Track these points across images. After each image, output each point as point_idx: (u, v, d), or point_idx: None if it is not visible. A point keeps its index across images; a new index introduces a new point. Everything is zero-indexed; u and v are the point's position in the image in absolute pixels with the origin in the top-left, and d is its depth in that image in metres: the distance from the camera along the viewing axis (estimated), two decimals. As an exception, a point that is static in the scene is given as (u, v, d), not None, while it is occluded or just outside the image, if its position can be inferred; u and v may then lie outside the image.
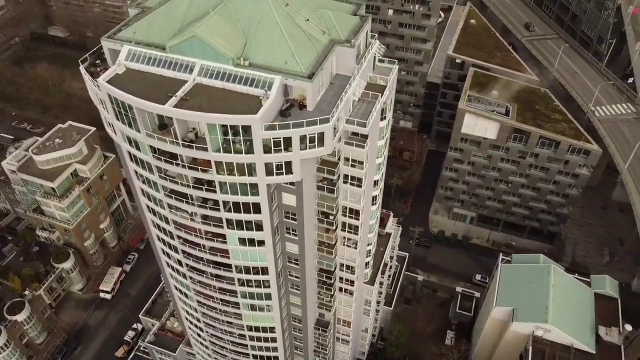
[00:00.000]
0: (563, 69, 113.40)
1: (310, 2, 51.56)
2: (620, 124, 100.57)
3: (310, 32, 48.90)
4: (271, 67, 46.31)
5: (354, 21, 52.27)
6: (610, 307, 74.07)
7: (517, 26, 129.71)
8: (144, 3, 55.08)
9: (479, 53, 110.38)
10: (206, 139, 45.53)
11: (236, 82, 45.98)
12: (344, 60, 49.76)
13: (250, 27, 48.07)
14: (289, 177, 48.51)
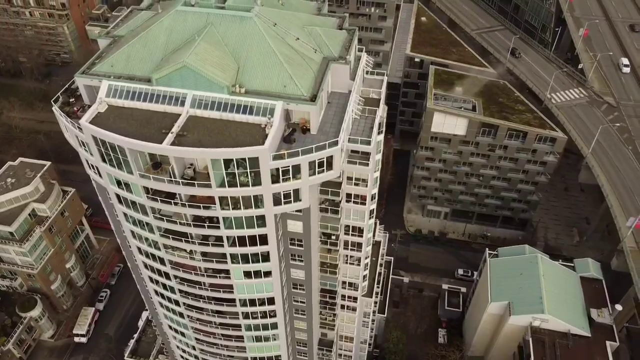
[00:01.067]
0: (515, 60, 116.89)
1: (295, 20, 49.61)
2: (575, 108, 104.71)
3: (303, 51, 46.95)
4: (269, 92, 44.06)
5: (343, 36, 50.80)
6: (597, 288, 76.84)
7: (463, 20, 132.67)
8: (114, 32, 51.23)
9: (435, 50, 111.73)
10: (209, 174, 42.74)
11: (234, 111, 43.42)
12: (339, 77, 48.22)
13: (240, 51, 45.55)
14: (297, 204, 46.42)
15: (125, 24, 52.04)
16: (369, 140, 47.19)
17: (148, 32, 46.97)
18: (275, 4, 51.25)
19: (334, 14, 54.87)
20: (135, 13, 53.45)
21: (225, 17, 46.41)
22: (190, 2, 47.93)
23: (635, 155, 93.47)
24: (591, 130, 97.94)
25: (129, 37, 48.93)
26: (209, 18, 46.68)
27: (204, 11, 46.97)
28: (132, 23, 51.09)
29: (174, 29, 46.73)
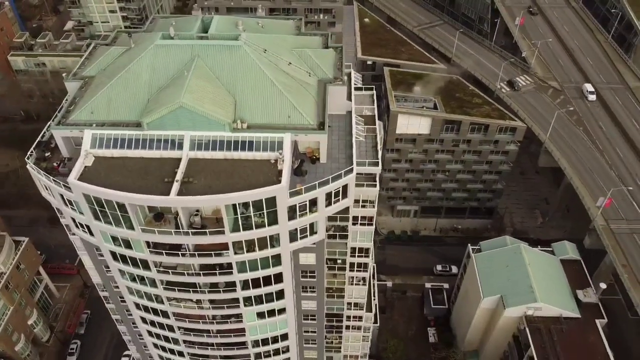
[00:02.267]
0: (460, 53, 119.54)
1: (283, 43, 47.12)
2: (524, 95, 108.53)
3: (298, 76, 44.65)
4: (273, 124, 41.46)
5: (332, 55, 48.94)
6: (577, 269, 79.86)
7: (403, 17, 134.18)
8: (81, 72, 46.48)
9: (385, 51, 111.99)
10: (223, 220, 39.51)
11: (239, 149, 40.51)
12: (336, 99, 46.21)
13: (235, 83, 42.56)
14: (313, 238, 44.22)
15: (92, 62, 47.40)
16: (377, 161, 45.67)
17: (127, 71, 42.84)
18: (254, 28, 48.50)
19: (315, 32, 52.90)
20: (101, 49, 48.78)
21: (212, 47, 43.21)
22: (169, 34, 44.32)
23: (587, 135, 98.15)
24: (543, 115, 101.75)
25: (103, 77, 44.52)
26: (194, 50, 43.30)
27: (187, 43, 43.55)
28: (102, 61, 46.53)
29: (157, 66, 42.94)
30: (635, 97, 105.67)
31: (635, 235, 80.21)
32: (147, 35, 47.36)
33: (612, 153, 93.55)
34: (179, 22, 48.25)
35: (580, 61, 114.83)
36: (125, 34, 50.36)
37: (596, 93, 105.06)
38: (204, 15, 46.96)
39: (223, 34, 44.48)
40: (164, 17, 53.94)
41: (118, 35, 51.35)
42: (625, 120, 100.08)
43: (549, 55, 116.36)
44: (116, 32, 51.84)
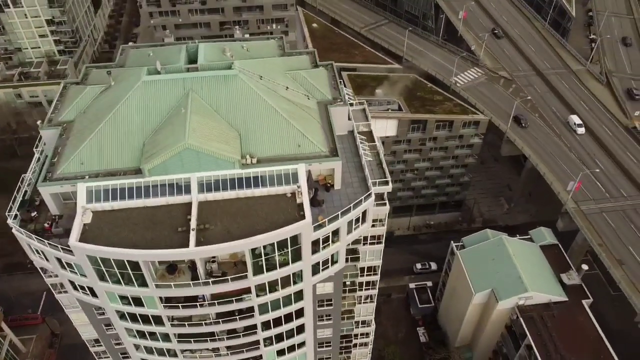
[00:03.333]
0: (410, 51, 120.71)
1: (275, 67, 44.81)
2: (478, 87, 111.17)
3: (298, 101, 42.58)
4: (283, 155, 39.20)
5: (324, 73, 47.15)
6: (557, 253, 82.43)
7: (348, 19, 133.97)
8: (58, 118, 42.09)
9: (339, 55, 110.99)
10: (247, 264, 36.85)
11: (252, 186, 37.93)
12: (339, 120, 44.44)
13: (236, 115, 39.91)
14: (334, 267, 42.37)
15: (67, 104, 43.06)
16: (387, 180, 44.40)
17: (116, 113, 39.15)
18: (242, 52, 45.91)
19: (300, 51, 50.88)
20: (74, 89, 44.39)
21: (206, 79, 40.30)
22: (155, 69, 40.90)
23: (543, 120, 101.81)
24: (499, 105, 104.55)
25: (86, 122, 40.48)
26: (187, 84, 40.21)
27: (178, 77, 40.39)
28: (80, 103, 42.34)
29: (148, 105, 39.52)
30: (579, 79, 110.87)
31: (604, 214, 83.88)
32: (126, 70, 43.55)
33: (569, 136, 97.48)
34: (159, 53, 44.92)
35: (524, 49, 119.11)
36: (100, 70, 46.19)
37: (544, 77, 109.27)
38: (187, 44, 43.71)
39: (214, 63, 41.63)
40: (134, 47, 50.02)
41: (88, 71, 47.03)
42: (575, 103, 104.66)
43: (494, 47, 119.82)
44: (85, 68, 47.45)
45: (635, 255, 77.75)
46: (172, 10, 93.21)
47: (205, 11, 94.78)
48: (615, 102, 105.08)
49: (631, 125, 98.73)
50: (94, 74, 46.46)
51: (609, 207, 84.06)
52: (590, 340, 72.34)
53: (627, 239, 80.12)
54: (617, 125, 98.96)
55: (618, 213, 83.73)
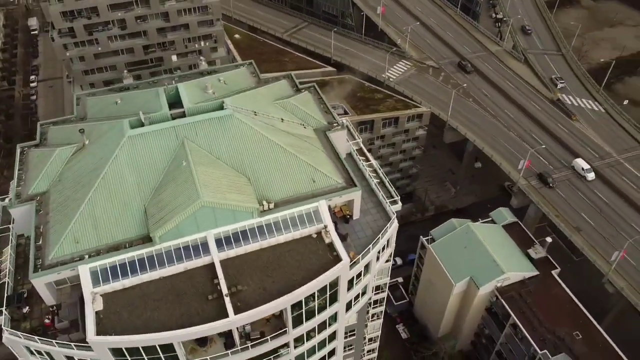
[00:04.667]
0: (337, 51, 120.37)
1: (263, 99, 41.79)
2: (410, 79, 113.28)
3: (296, 132, 39.99)
4: (299, 194, 36.60)
5: (310, 98, 44.76)
6: (519, 230, 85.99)
7: (268, 25, 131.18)
8: (26, 191, 36.32)
9: (271, 65, 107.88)
10: (286, 319, 33.94)
11: (275, 233, 35.00)
12: (339, 145, 42.46)
13: (240, 159, 36.64)
14: (363, 299, 40.53)
15: (33, 173, 37.31)
16: (397, 199, 43.13)
17: (105, 177, 34.35)
18: (219, 87, 42.33)
19: (276, 76, 48.04)
20: (35, 154, 38.56)
21: (199, 124, 36.56)
22: (138, 120, 36.44)
23: (478, 104, 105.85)
24: (434, 95, 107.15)
25: (67, 191, 35.24)
26: (179, 132, 36.22)
27: (167, 126, 36.29)
28: (50, 169, 36.82)
29: (140, 162, 35.12)
30: (499, 60, 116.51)
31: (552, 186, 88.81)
32: (97, 125, 38.42)
33: (504, 116, 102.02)
34: (129, 100, 40.28)
35: (444, 37, 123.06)
36: (59, 127, 40.52)
37: (470, 64, 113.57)
38: (165, 87, 39.40)
39: (202, 105, 37.89)
40: (89, 93, 44.51)
41: (45, 129, 41.17)
42: (502, 83, 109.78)
43: (416, 38, 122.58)
44: (40, 126, 41.50)
45: (588, 221, 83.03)
46: (89, 39, 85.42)
47: (126, 36, 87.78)
48: (536, 78, 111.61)
49: (555, 98, 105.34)
50: (53, 132, 40.74)
51: (556, 179, 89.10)
52: (567, 307, 76.31)
53: (577, 206, 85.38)
54: (543, 100, 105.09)
55: (564, 183, 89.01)
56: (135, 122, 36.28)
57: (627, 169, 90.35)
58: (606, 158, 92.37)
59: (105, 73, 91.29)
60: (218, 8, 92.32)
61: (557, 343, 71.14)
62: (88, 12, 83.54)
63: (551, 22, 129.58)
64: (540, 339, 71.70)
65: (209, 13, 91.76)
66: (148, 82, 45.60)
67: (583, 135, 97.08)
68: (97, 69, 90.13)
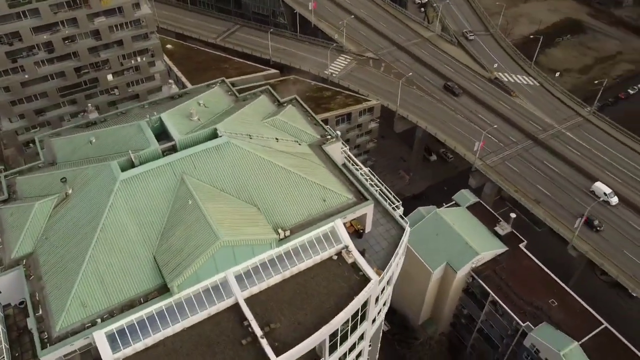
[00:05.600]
0: (276, 52, 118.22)
1: (250, 119, 39.54)
2: (353, 73, 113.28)
3: (293, 150, 38.18)
4: (313, 217, 34.97)
5: (295, 112, 42.97)
6: (483, 210, 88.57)
7: (198, 32, 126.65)
8: (8, 256, 32.19)
9: (212, 74, 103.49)
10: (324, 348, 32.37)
11: (296, 261, 33.32)
12: (335, 157, 41.09)
13: (245, 187, 34.48)
14: (385, 309, 39.68)
15: (13, 233, 33.05)
16: (398, 204, 42.45)
17: (103, 229, 31.01)
18: (201, 111, 39.65)
19: (254, 91, 45.79)
20: (12, 211, 34.18)
21: (196, 156, 33.95)
22: (126, 161, 33.23)
23: (421, 91, 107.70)
24: (378, 86, 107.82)
25: (59, 250, 31.54)
26: (176, 168, 33.42)
27: (161, 163, 33.39)
28: (32, 227, 32.74)
29: (139, 207, 32.05)
30: (434, 45, 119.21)
31: (506, 162, 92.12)
32: (78, 171, 34.60)
33: (449, 100, 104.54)
34: (106, 139, 36.73)
35: (377, 27, 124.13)
36: (28, 177, 36.22)
37: (406, 50, 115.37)
38: (147, 119, 36.19)
39: (193, 135, 35.18)
40: (52, 134, 40.21)
41: (12, 181, 36.69)
42: (440, 68, 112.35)
43: (350, 31, 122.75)
44: (5, 177, 36.94)
45: (545, 192, 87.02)
46: (13, 67, 77.92)
47: (55, 59, 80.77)
48: (471, 59, 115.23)
49: (493, 76, 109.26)
50: (23, 183, 36.40)
51: (508, 155, 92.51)
52: (540, 277, 79.64)
53: (532, 179, 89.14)
54: (482, 80, 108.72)
55: (516, 158, 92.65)
56: (125, 162, 33.07)
57: (570, 137, 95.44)
58: (549, 129, 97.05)
59: (36, 102, 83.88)
60: (152, 20, 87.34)
61: (537, 313, 74.08)
62: (9, 37, 76.17)
63: (475, 4, 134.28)
64: (521, 311, 74.41)
65: (143, 26, 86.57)
66: (116, 114, 41.94)
67: (525, 110, 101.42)
68: (26, 98, 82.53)
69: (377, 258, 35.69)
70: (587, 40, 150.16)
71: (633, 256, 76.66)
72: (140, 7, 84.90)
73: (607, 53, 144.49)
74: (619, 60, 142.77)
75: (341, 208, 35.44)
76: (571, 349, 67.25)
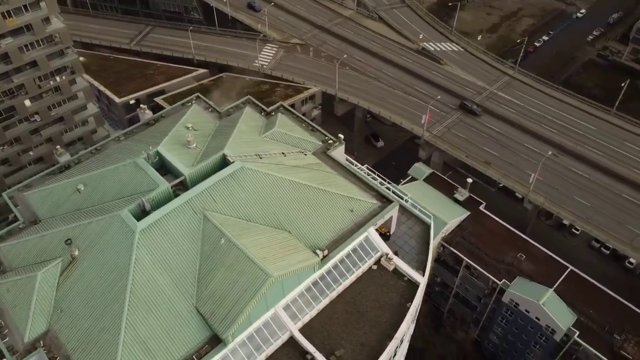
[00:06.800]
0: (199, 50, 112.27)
1: (249, 136, 36.72)
2: (283, 62, 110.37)
3: (305, 162, 36.07)
4: (344, 229, 33.39)
5: (288, 120, 40.62)
6: (438, 179, 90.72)
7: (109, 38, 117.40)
8: (21, 340, 27.78)
9: (138, 83, 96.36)
10: None
11: (341, 279, 31.77)
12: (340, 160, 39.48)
13: (272, 211, 32.06)
14: (417, 307, 39.10)
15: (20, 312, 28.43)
16: (408, 197, 41.83)
17: (133, 290, 27.44)
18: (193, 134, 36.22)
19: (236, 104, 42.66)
20: (6, 287, 29.35)
21: (213, 189, 30.88)
22: (138, 207, 29.59)
23: (354, 70, 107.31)
24: (311, 71, 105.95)
25: (82, 321, 27.59)
26: (195, 205, 30.27)
27: (179, 203, 30.02)
28: (41, 301, 28.31)
29: (166, 257, 28.76)
30: (356, 22, 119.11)
31: (451, 130, 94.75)
32: (84, 228, 30.19)
33: (384, 77, 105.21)
34: (99, 184, 32.52)
35: (297, 12, 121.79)
36: (16, 243, 31.29)
37: (330, 31, 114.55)
38: (144, 156, 32.31)
39: (202, 166, 32.01)
40: (22, 187, 35.00)
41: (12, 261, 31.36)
42: (369, 45, 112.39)
43: (270, 19, 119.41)
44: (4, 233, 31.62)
45: (493, 152, 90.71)
46: None
47: (-40, 93, 71.08)
48: (395, 32, 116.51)
49: (420, 47, 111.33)
50: (8, 250, 31.36)
51: (452, 123, 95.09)
52: (504, 234, 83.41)
53: (478, 142, 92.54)
54: (411, 52, 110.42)
55: (460, 124, 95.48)
56: (136, 210, 29.40)
57: (503, 97, 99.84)
58: (483, 92, 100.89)
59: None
60: (67, 35, 78.90)
61: (509, 269, 77.75)
62: None
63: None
64: (495, 270, 77.71)
65: (57, 42, 78.05)
66: (90, 152, 37.37)
67: (457, 77, 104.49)
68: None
69: (410, 258, 34.97)
70: (489, 0, 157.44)
71: (582, 200, 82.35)
72: (50, 21, 76.43)
73: (510, 10, 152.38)
74: (521, 16, 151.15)
75: (369, 215, 34.19)
76: (548, 296, 71.41)
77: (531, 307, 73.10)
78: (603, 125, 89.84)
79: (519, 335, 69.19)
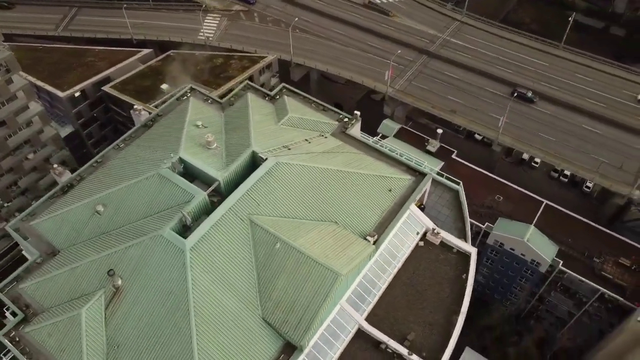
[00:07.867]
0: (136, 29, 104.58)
1: (269, 127, 34.43)
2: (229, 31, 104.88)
3: (329, 146, 34.39)
4: (386, 211, 32.41)
5: (296, 103, 38.46)
6: (409, 133, 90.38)
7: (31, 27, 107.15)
8: None
9: (80, 72, 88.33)
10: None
11: (395, 261, 30.96)
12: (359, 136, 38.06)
13: (315, 204, 30.80)
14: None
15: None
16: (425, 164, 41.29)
17: (197, 313, 25.48)
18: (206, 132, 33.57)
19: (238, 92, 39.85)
20: (47, 331, 26.56)
21: (253, 191, 28.79)
22: (179, 224, 27.17)
23: (304, 32, 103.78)
24: (261, 38, 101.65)
25: (145, 354, 25.40)
26: (239, 212, 28.20)
27: (222, 212, 27.84)
28: (91, 342, 25.82)
29: (221, 271, 26.96)
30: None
31: (412, 82, 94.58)
32: (121, 254, 27.40)
33: (335, 36, 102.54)
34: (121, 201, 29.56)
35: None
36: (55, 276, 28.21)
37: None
38: (169, 166, 29.48)
39: (234, 168, 29.68)
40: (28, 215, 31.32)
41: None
42: (314, 5, 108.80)
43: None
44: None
45: (457, 100, 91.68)
46: None
47: None
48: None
49: (366, 1, 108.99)
50: (36, 289, 28.19)
51: (412, 75, 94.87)
52: (479, 179, 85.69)
53: (440, 91, 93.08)
54: (359, 7, 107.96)
55: (420, 76, 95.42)
56: (178, 227, 26.98)
57: (456, 43, 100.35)
58: (436, 40, 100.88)
59: None
60: (-5, 30, 70.84)
61: (489, 212, 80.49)
62: None
63: None
64: (477, 215, 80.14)
65: (-15, 40, 69.94)
66: (91, 166, 33.94)
67: (408, 28, 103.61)
68: None
69: (449, 227, 34.80)
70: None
71: (547, 135, 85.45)
72: (-25, 17, 68.06)
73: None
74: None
75: (408, 192, 33.41)
76: (531, 232, 74.65)
77: (516, 245, 75.87)
78: (555, 61, 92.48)
79: (505, 272, 72.59)
